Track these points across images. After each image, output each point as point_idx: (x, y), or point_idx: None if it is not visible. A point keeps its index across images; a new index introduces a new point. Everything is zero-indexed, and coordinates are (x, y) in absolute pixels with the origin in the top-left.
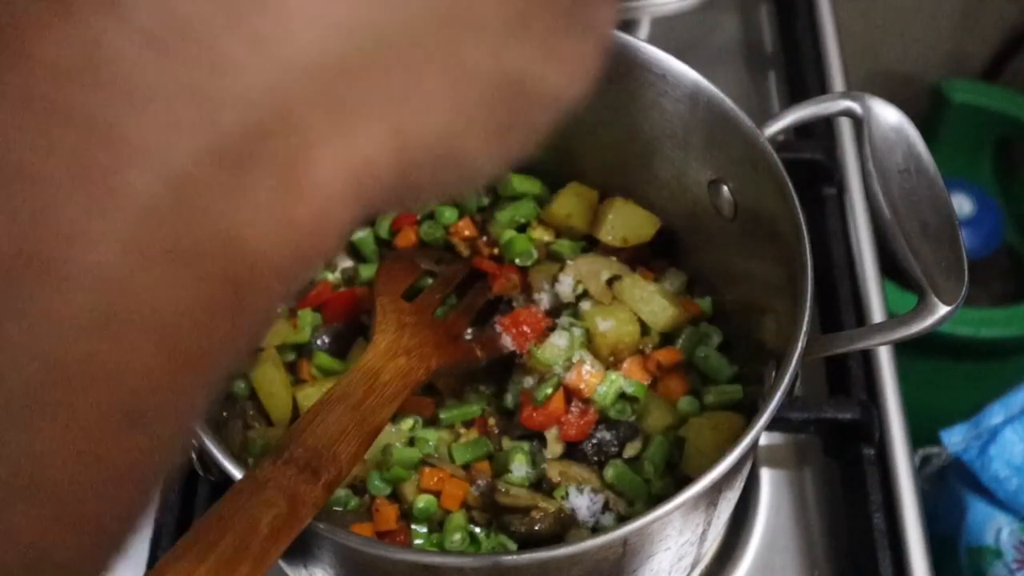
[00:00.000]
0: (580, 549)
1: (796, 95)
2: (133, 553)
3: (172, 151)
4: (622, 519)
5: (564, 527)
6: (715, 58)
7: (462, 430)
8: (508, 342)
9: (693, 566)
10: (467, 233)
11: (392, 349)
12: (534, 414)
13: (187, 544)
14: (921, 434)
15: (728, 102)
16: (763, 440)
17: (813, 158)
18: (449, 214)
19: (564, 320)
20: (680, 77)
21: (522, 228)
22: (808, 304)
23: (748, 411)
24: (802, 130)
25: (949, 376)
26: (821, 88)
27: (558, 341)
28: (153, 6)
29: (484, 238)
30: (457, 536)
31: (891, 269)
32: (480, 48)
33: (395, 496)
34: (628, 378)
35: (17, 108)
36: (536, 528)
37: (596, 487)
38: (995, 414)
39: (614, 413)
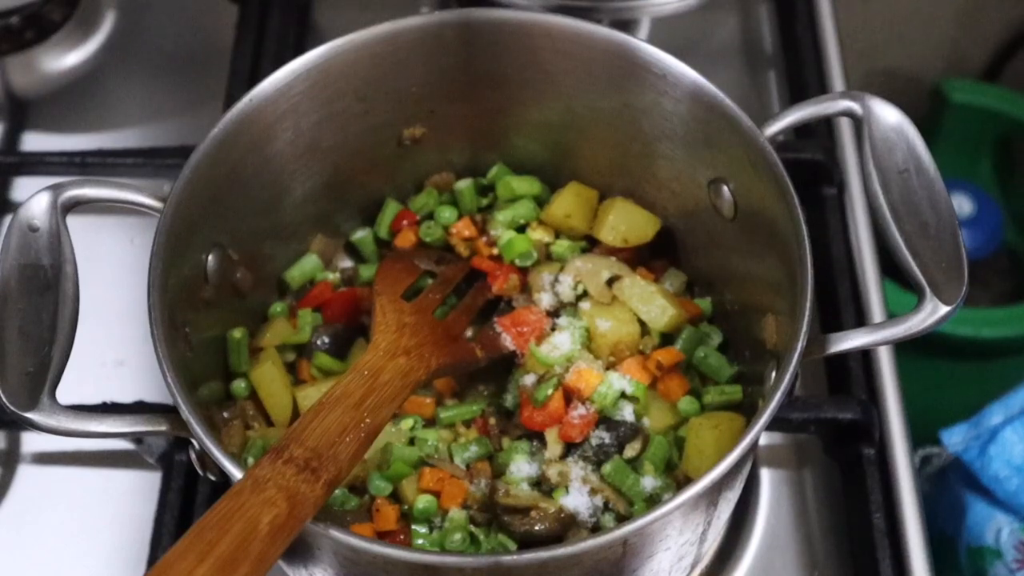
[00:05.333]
0: (580, 549)
1: (796, 95)
2: (133, 553)
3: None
4: (622, 519)
5: (564, 527)
6: (715, 58)
7: (462, 430)
8: (508, 342)
9: (693, 566)
10: (467, 233)
11: (392, 349)
12: (534, 414)
13: (187, 544)
14: (921, 434)
15: (728, 102)
16: (763, 440)
17: (813, 158)
18: (448, 214)
19: (564, 320)
20: (680, 77)
21: (522, 228)
22: (808, 304)
23: (748, 411)
24: (802, 130)
25: (949, 376)
26: (821, 88)
27: (558, 341)
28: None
29: (484, 238)
30: (457, 536)
31: (891, 269)
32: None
33: (395, 496)
34: (628, 378)
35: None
36: (536, 528)
37: (596, 487)
38: (995, 414)
39: (614, 413)
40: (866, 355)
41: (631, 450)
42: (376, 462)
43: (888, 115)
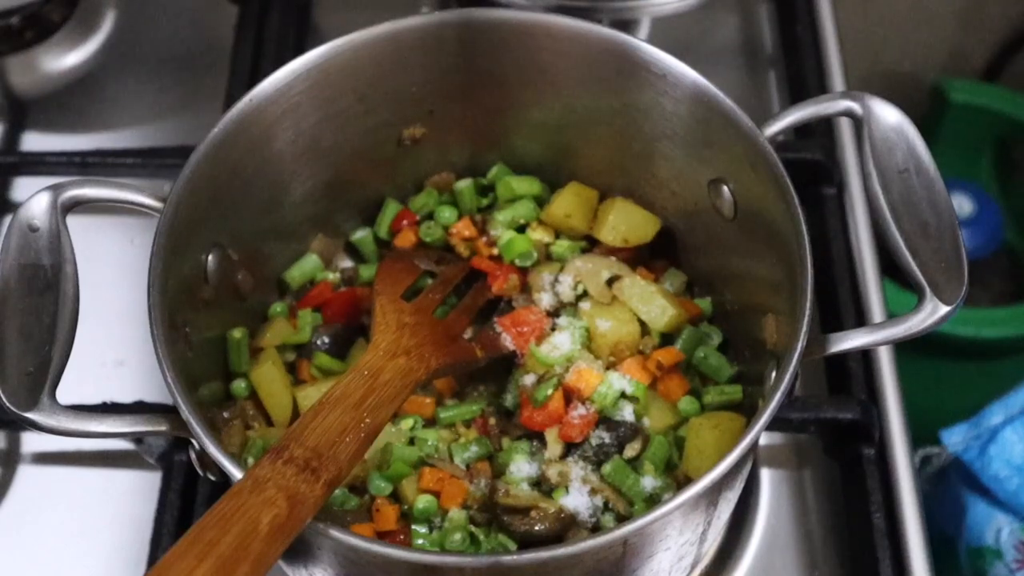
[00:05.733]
0: (580, 549)
1: (796, 95)
2: (133, 553)
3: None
4: (622, 519)
5: (564, 527)
6: (715, 58)
7: (462, 430)
8: (508, 342)
9: (693, 566)
10: (467, 233)
11: (392, 349)
12: (534, 414)
13: (187, 544)
14: (921, 434)
15: (728, 102)
16: (763, 440)
17: (813, 158)
18: (448, 214)
19: (564, 320)
20: (680, 77)
21: (522, 228)
22: (808, 304)
23: (748, 411)
24: (802, 130)
25: (949, 376)
26: (821, 88)
27: (558, 341)
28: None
29: (484, 238)
30: (457, 536)
31: (891, 269)
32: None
33: (395, 496)
34: (628, 378)
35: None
36: (536, 528)
37: (596, 487)
38: (995, 414)
39: (614, 413)
40: (866, 355)
41: (631, 450)
42: (376, 462)
43: (888, 115)
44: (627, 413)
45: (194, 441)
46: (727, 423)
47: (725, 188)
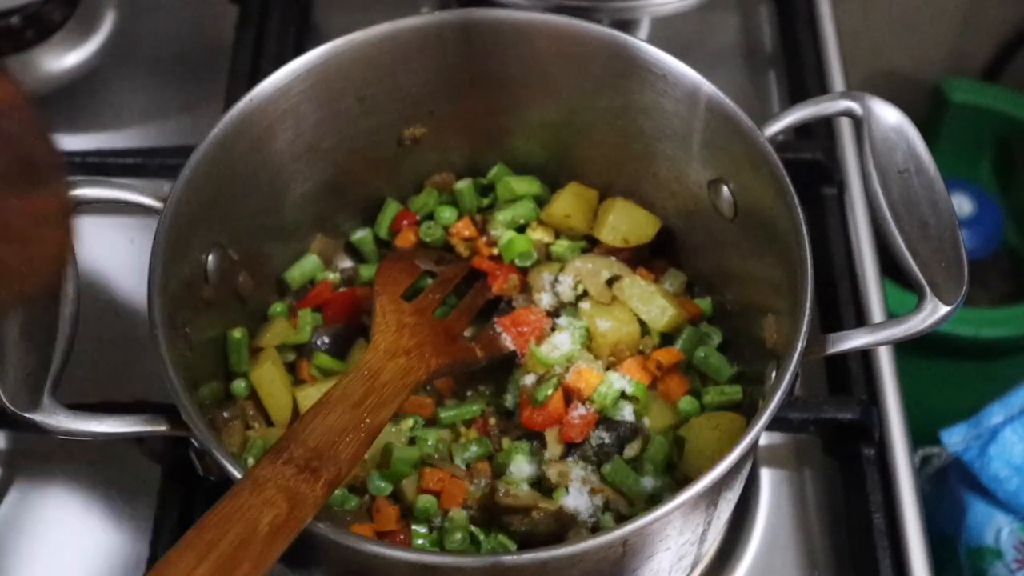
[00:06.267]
0: (580, 549)
1: (796, 95)
2: (133, 552)
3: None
4: (622, 519)
5: (564, 527)
6: (715, 58)
7: (462, 430)
8: (508, 342)
9: (693, 566)
10: (467, 233)
11: (392, 349)
12: (534, 414)
13: (187, 543)
14: (921, 434)
15: (728, 102)
16: (763, 440)
17: (813, 158)
18: (448, 214)
19: (564, 320)
20: (680, 77)
21: (522, 228)
22: (808, 304)
23: (748, 411)
24: (802, 130)
25: (949, 376)
26: (821, 88)
27: (558, 341)
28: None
29: (484, 238)
30: (457, 536)
31: (891, 269)
32: None
33: (395, 496)
34: (628, 378)
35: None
36: (536, 528)
37: (596, 487)
38: (995, 414)
39: (614, 413)
40: (866, 355)
41: (631, 450)
42: (376, 462)
43: (888, 115)
44: (627, 413)
45: (194, 441)
46: (727, 423)
47: (725, 188)
